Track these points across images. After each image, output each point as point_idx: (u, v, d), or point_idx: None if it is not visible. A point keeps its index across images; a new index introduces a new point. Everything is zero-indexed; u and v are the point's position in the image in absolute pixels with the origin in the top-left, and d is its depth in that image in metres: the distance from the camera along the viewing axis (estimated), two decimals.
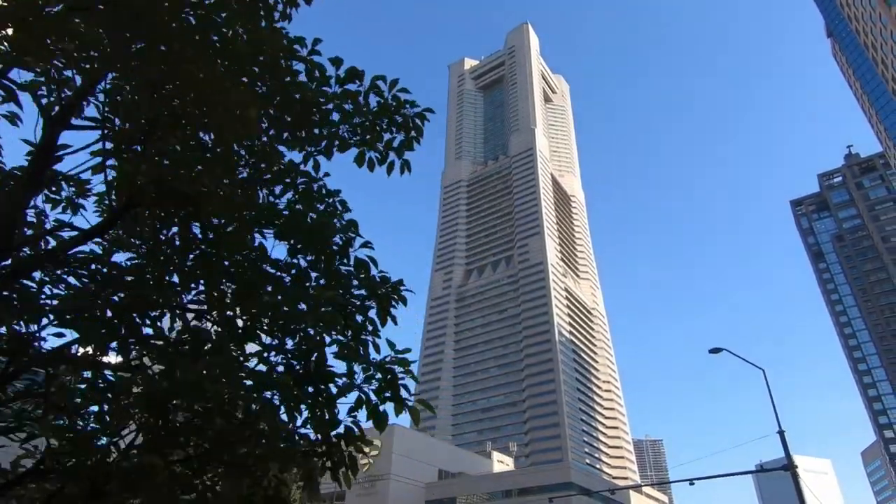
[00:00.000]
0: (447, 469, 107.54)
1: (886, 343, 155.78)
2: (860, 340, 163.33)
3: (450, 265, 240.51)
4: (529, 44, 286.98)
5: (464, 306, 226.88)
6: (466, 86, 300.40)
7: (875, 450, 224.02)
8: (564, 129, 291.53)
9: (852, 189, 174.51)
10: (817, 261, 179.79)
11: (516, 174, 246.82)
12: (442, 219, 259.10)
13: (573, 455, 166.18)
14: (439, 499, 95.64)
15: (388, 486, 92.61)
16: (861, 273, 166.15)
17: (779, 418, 27.35)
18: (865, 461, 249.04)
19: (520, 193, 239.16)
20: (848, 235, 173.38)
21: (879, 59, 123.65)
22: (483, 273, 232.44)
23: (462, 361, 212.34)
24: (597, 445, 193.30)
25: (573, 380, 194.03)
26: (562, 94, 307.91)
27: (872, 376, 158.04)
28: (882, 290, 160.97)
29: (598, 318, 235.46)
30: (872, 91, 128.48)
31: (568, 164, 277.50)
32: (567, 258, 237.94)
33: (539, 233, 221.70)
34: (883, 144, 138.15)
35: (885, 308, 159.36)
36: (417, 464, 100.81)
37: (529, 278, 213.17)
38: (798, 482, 25.20)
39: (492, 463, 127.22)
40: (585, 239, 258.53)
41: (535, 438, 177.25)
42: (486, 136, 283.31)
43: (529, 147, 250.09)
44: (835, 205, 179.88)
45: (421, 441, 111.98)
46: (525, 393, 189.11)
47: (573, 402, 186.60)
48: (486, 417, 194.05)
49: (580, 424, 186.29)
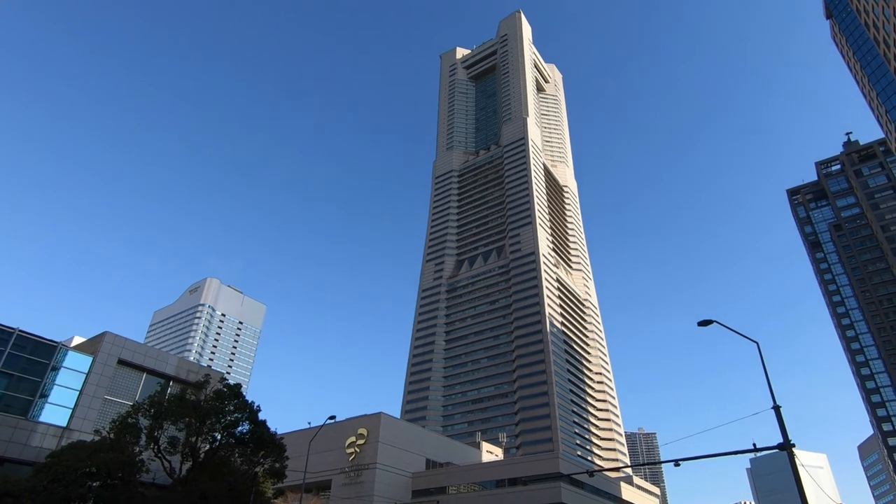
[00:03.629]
0: (435, 459, 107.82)
1: (885, 334, 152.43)
2: (858, 332, 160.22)
3: (441, 256, 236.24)
4: (522, 32, 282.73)
5: (455, 297, 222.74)
6: (458, 75, 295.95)
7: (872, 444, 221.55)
8: (557, 118, 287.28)
9: (851, 177, 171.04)
10: (815, 251, 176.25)
11: (508, 164, 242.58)
12: (433, 209, 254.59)
13: (564, 447, 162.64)
14: (426, 488, 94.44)
15: (375, 475, 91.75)
16: (859, 263, 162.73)
17: (773, 394, 25.56)
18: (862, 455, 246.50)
19: (512, 183, 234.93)
20: (846, 225, 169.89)
21: (881, 38, 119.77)
22: (474, 264, 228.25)
23: (453, 352, 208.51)
24: (588, 437, 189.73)
25: (565, 371, 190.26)
26: (554, 84, 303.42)
27: (870, 368, 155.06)
28: (881, 279, 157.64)
29: (590, 310, 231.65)
30: (873, 73, 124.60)
31: (560, 154, 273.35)
32: (559, 249, 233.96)
33: (531, 223, 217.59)
34: (883, 128, 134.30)
35: (884, 299, 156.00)
36: (404, 453, 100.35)
37: (521, 269, 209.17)
38: (794, 461, 23.69)
39: (481, 453, 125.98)
40: (578, 229, 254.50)
41: (526, 430, 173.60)
42: (477, 125, 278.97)
43: (521, 137, 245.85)
44: (833, 193, 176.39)
45: (408, 430, 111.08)
46: (516, 384, 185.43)
47: (564, 394, 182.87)
48: (476, 408, 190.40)
49: (571, 416, 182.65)
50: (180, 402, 40.39)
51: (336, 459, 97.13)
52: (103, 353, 49.44)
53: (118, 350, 50.69)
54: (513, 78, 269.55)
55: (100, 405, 47.23)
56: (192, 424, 39.64)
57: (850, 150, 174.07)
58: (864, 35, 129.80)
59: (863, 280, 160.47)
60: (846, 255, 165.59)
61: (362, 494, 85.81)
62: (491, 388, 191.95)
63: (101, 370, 48.88)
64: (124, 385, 50.42)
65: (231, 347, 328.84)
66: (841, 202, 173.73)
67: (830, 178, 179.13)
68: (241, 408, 42.16)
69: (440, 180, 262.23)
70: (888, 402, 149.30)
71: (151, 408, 39.80)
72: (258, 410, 43.86)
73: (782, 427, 24.51)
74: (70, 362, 47.69)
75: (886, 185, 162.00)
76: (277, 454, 43.41)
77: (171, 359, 55.77)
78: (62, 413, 45.91)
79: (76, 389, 47.14)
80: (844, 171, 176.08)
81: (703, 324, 28.33)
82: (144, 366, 52.40)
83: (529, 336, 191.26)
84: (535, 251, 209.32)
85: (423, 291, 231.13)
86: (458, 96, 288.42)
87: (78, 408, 46.20)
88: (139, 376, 52.00)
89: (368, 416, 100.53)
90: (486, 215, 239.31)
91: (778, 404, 25.03)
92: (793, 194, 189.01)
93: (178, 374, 53.46)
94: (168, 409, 39.61)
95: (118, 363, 50.51)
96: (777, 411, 24.93)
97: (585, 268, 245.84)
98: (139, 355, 52.45)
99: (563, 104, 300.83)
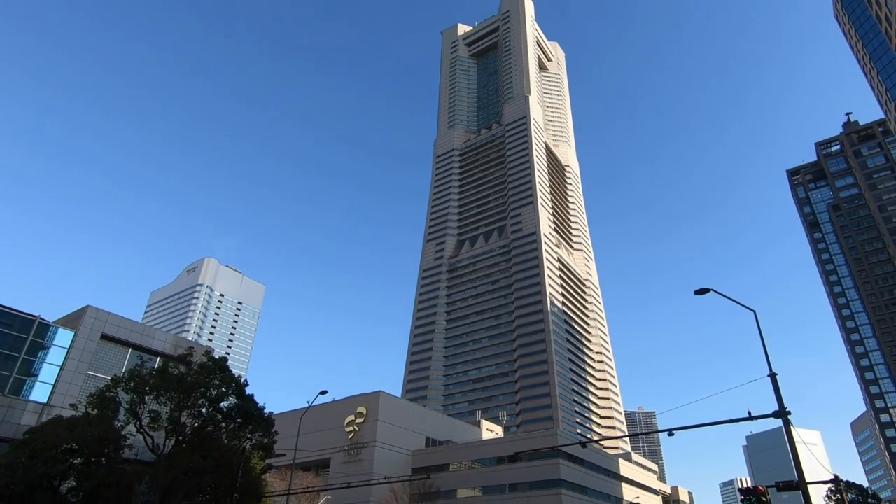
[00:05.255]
0: (435, 437, 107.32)
1: (880, 313, 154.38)
2: (853, 310, 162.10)
3: (442, 235, 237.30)
4: (524, 9, 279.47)
5: (456, 277, 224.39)
6: (459, 53, 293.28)
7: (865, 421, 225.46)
8: (559, 97, 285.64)
9: (850, 157, 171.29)
10: (813, 231, 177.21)
11: (510, 143, 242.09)
12: (434, 188, 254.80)
13: (564, 425, 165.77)
14: (426, 466, 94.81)
15: (374, 454, 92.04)
16: (857, 243, 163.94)
17: (769, 361, 25.13)
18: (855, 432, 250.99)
19: (513, 162, 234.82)
20: (845, 205, 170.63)
21: (883, 15, 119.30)
22: (475, 243, 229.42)
23: (454, 332, 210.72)
24: (588, 416, 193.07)
25: (565, 350, 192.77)
26: (557, 62, 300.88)
27: (865, 346, 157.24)
28: (877, 259, 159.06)
29: (591, 290, 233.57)
30: (875, 50, 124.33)
31: (562, 133, 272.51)
32: (560, 228, 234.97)
33: (532, 203, 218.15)
34: (883, 108, 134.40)
35: (880, 279, 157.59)
36: (404, 431, 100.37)
37: (522, 248, 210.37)
38: (789, 428, 23.37)
39: (481, 432, 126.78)
40: (579, 209, 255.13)
41: (526, 409, 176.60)
42: (479, 104, 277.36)
43: (523, 115, 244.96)
44: (832, 174, 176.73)
45: (408, 409, 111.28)
46: (517, 364, 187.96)
47: (565, 373, 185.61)
48: (477, 388, 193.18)
49: (571, 395, 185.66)
50: (162, 376, 38.91)
51: (336, 438, 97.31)
52: (85, 327, 47.42)
53: (101, 325, 48.62)
54: (515, 56, 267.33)
55: (82, 381, 45.88)
56: (175, 398, 38.29)
57: (850, 131, 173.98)
58: (866, 12, 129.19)
59: (860, 260, 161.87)
60: (844, 236, 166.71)
61: (361, 472, 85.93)
62: (492, 368, 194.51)
63: (83, 345, 46.92)
64: (108, 361, 48.89)
65: (230, 328, 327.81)
66: (840, 182, 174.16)
67: (830, 159, 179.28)
68: (226, 382, 40.81)
69: (441, 159, 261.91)
70: (881, 380, 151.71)
71: (131, 381, 38.20)
72: (245, 385, 42.55)
73: (778, 394, 24.10)
74: (51, 338, 45.96)
75: (885, 166, 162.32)
76: (265, 429, 42.15)
77: (158, 334, 53.73)
78: (44, 389, 44.55)
79: (57, 365, 45.49)
80: (844, 151, 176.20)
81: (699, 292, 27.35)
82: (129, 341, 50.35)
83: (530, 316, 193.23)
84: (536, 231, 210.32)
85: (423, 271, 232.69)
86: (460, 74, 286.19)
87: (59, 383, 44.97)
88: (124, 352, 50.07)
89: (367, 394, 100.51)
90: (488, 195, 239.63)
91: (774, 372, 24.66)
92: (793, 174, 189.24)
93: (164, 349, 51.61)
94: (149, 383, 38.15)
95: (101, 338, 48.56)
96: (773, 379, 24.60)
97: (586, 247, 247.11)
98: (124, 330, 50.19)
99: (565, 83, 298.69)
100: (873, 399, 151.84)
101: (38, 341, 45.22)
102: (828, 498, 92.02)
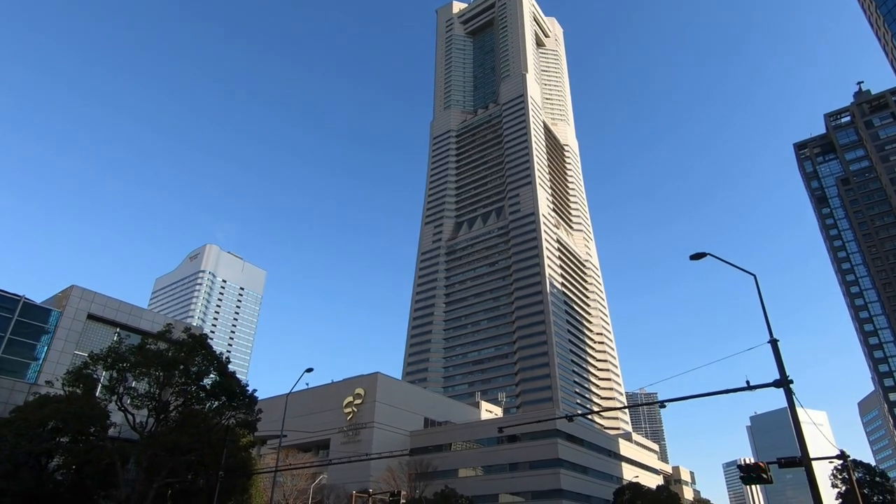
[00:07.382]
0: (434, 418, 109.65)
1: (890, 290, 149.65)
2: (862, 287, 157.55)
3: (439, 218, 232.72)
4: None
5: (454, 259, 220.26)
6: (455, 31, 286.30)
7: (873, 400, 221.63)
8: (558, 75, 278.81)
9: (861, 129, 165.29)
10: (821, 206, 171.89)
11: (507, 122, 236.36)
12: (431, 170, 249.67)
13: (564, 406, 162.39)
14: (424, 446, 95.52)
15: (373, 434, 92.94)
16: (866, 217, 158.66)
17: (770, 327, 22.78)
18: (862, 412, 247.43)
19: (511, 142, 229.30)
20: (854, 178, 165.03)
21: None
22: (473, 225, 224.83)
23: (453, 314, 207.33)
24: (588, 397, 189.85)
25: (565, 332, 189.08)
26: (555, 38, 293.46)
27: (874, 324, 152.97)
28: (888, 234, 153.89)
29: (591, 270, 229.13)
30: (889, 11, 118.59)
31: (561, 111, 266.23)
32: (559, 209, 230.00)
33: (531, 183, 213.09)
34: None
35: (891, 254, 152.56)
36: (402, 412, 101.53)
37: (521, 230, 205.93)
38: (791, 397, 21.48)
39: (480, 412, 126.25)
40: (579, 189, 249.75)
41: (526, 390, 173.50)
42: (475, 83, 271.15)
43: (520, 94, 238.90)
44: (842, 146, 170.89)
45: (406, 390, 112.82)
46: (516, 345, 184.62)
47: (565, 355, 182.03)
48: (477, 370, 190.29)
49: (572, 376, 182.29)
50: (140, 352, 38.47)
51: (335, 419, 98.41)
52: (70, 306, 48.04)
53: (87, 304, 49.20)
54: (511, 33, 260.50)
55: (69, 360, 46.14)
56: (155, 375, 38.08)
57: (861, 101, 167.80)
58: None
59: (869, 235, 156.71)
60: (853, 210, 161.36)
61: (360, 453, 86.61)
62: (491, 350, 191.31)
63: (69, 325, 47.64)
64: (96, 340, 49.25)
65: (233, 314, 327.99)
66: (850, 155, 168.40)
67: (839, 131, 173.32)
68: (208, 359, 40.41)
69: (438, 141, 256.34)
70: (890, 358, 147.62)
71: (109, 357, 37.73)
72: (227, 362, 42.47)
73: (779, 362, 22.19)
74: (36, 317, 46.66)
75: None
76: (248, 406, 42.00)
77: (145, 314, 53.89)
78: (31, 368, 45.54)
79: (43, 345, 46.24)
80: (854, 122, 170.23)
81: (695, 257, 25.62)
82: (116, 321, 50.99)
83: (529, 297, 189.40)
84: (534, 212, 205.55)
85: (422, 254, 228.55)
86: (456, 53, 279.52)
87: (46, 363, 45.53)
88: (111, 331, 50.65)
89: (365, 376, 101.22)
90: (485, 176, 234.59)
91: (775, 338, 22.55)
92: (800, 148, 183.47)
93: (152, 329, 51.16)
94: (126, 359, 37.65)
95: (88, 318, 49.26)
96: (774, 345, 22.55)
97: (586, 228, 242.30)
98: (110, 310, 50.85)
99: (563, 59, 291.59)
100: (882, 377, 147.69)
101: (24, 321, 45.51)
102: (833, 477, 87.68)
